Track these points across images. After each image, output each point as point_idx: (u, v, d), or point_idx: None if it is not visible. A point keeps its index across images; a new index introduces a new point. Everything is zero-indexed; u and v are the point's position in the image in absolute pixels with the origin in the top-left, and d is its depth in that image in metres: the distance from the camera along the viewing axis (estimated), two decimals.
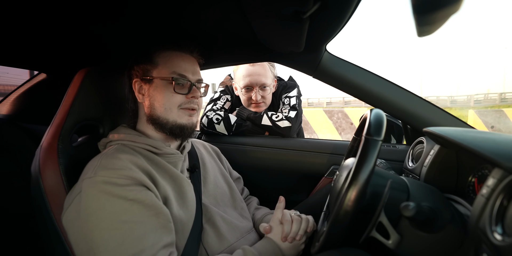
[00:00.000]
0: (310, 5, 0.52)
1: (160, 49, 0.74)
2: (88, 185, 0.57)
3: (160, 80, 0.71)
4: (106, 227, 0.54)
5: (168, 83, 0.71)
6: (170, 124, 0.71)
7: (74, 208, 0.57)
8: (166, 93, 0.71)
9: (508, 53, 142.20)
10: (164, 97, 0.71)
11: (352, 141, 0.86)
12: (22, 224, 1.04)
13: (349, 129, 5.41)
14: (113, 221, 0.54)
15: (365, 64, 45.68)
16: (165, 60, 0.73)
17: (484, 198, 0.49)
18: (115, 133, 0.72)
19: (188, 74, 0.73)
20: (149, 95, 0.72)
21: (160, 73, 0.72)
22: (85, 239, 0.54)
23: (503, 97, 22.75)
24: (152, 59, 0.73)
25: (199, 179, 0.80)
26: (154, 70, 0.72)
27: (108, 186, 0.56)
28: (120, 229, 0.54)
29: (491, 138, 0.59)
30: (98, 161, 0.61)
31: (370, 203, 0.58)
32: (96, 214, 0.54)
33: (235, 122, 1.31)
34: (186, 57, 0.75)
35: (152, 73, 0.72)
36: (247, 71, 1.29)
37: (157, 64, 0.73)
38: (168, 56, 0.73)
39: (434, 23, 0.32)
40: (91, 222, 0.54)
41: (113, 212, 0.55)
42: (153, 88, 0.72)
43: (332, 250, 0.57)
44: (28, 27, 0.68)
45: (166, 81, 0.71)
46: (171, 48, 0.74)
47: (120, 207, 0.55)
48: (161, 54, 0.73)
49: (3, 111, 1.24)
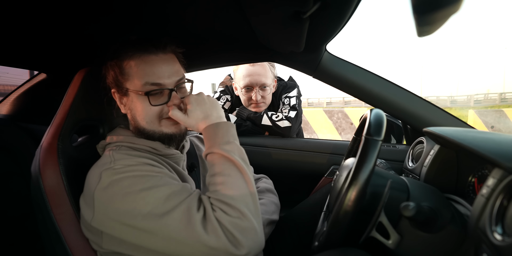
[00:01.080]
0: (310, 5, 0.52)
1: (128, 56, 0.65)
2: (110, 173, 0.58)
3: (134, 94, 0.66)
4: (147, 194, 0.56)
5: (142, 96, 0.65)
6: (158, 135, 0.68)
7: (102, 200, 0.57)
8: (144, 107, 0.65)
9: (508, 53, 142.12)
10: (143, 111, 0.66)
11: (352, 141, 0.86)
12: (22, 224, 1.04)
13: (349, 129, 5.41)
14: (151, 188, 0.56)
15: (365, 64, 45.65)
16: (135, 70, 0.65)
17: (484, 198, 0.49)
18: (114, 135, 0.70)
19: (163, 80, 0.65)
20: (129, 108, 0.69)
21: (132, 85, 0.65)
22: (133, 214, 0.54)
23: (503, 97, 22.74)
24: (122, 70, 0.66)
25: (198, 178, 0.80)
26: (127, 83, 0.66)
27: (131, 167, 0.59)
28: (160, 190, 0.57)
29: (491, 138, 0.59)
30: (111, 157, 0.62)
31: (370, 203, 0.58)
32: (131, 190, 0.56)
33: (235, 122, 1.31)
34: (157, 59, 0.66)
35: (125, 85, 0.66)
36: (247, 71, 1.29)
37: (128, 76, 0.66)
38: (137, 65, 0.65)
39: (434, 23, 0.32)
40: (130, 198, 0.55)
41: (146, 182, 0.57)
42: (130, 101, 0.67)
43: (332, 250, 0.57)
44: (28, 27, 0.67)
45: (141, 95, 0.65)
46: (137, 52, 0.65)
47: (151, 179, 0.58)
48: (129, 62, 0.65)
49: (3, 111, 1.24)
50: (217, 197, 0.57)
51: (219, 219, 0.54)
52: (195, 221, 0.53)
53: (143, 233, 0.54)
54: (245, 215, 0.55)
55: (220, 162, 0.61)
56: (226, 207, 0.55)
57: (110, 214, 0.56)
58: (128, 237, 0.56)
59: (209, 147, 0.63)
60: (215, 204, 0.56)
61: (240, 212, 0.55)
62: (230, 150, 0.61)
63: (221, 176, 0.59)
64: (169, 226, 0.54)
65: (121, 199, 0.55)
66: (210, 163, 0.63)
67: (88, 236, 0.62)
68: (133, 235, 0.55)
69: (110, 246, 0.59)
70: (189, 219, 0.54)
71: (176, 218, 0.54)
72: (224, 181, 0.58)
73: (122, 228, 0.56)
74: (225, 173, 0.59)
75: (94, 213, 0.57)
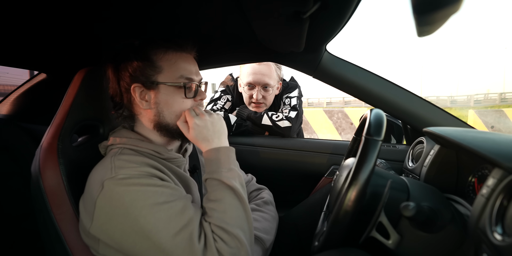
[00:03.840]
0: (310, 5, 0.52)
1: (160, 50, 0.68)
2: (112, 183, 0.57)
3: (167, 86, 0.67)
4: (149, 212, 0.55)
5: (177, 89, 0.68)
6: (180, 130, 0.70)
7: (103, 211, 0.56)
8: (176, 99, 0.68)
9: (508, 53, 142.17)
10: (174, 104, 0.68)
11: (352, 141, 0.86)
12: (22, 224, 1.04)
13: (349, 129, 5.41)
14: (152, 206, 0.56)
15: (365, 64, 45.71)
16: (170, 63, 0.67)
17: (484, 198, 0.49)
18: (117, 136, 0.69)
19: (193, 76, 0.70)
20: (156, 102, 0.68)
21: (166, 78, 0.67)
22: (134, 231, 0.55)
23: (503, 97, 22.73)
24: (154, 63, 0.67)
25: (200, 180, 0.80)
26: (159, 75, 0.67)
27: (133, 180, 0.58)
28: (162, 210, 0.56)
29: (491, 138, 0.59)
30: (111, 163, 0.60)
31: (370, 203, 0.58)
32: (133, 205, 0.55)
33: (235, 122, 1.31)
34: (189, 57, 0.71)
35: (156, 78, 0.67)
36: (252, 69, 1.29)
37: (162, 69, 0.67)
38: (173, 59, 0.68)
39: (434, 23, 0.32)
40: (132, 214, 0.55)
41: (148, 198, 0.56)
42: (160, 94, 0.68)
43: (332, 250, 0.57)
44: (28, 27, 0.67)
45: (175, 87, 0.68)
46: (172, 48, 0.68)
47: (152, 193, 0.57)
48: (163, 57, 0.67)
49: (3, 111, 1.24)
50: (218, 224, 0.59)
51: (220, 251, 0.56)
52: (197, 250, 0.55)
53: (142, 247, 0.55)
54: (243, 245, 0.58)
55: (220, 188, 0.63)
56: (227, 236, 0.58)
57: (110, 225, 0.56)
58: (124, 248, 0.57)
59: (211, 172, 0.65)
60: (216, 233, 0.58)
61: (239, 241, 0.58)
62: (231, 178, 0.64)
63: (222, 203, 0.61)
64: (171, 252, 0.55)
65: (122, 214, 0.55)
66: (211, 188, 0.64)
67: (85, 240, 0.62)
68: (132, 248, 0.56)
69: (106, 253, 0.60)
70: (191, 248, 0.55)
71: (178, 246, 0.55)
72: (225, 209, 0.61)
73: (120, 239, 0.56)
74: (226, 201, 0.62)
75: (93, 221, 0.57)
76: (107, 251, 0.59)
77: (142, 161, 0.63)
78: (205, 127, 0.68)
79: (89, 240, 0.60)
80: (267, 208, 0.87)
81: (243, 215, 0.62)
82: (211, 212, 0.61)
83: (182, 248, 0.55)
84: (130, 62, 0.67)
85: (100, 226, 0.57)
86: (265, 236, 0.76)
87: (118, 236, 0.56)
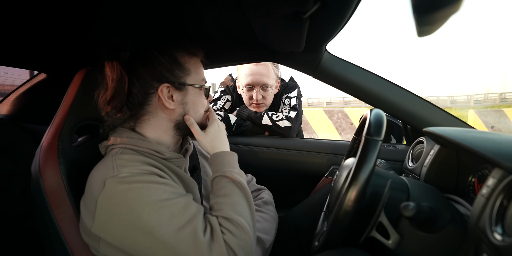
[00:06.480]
0: (310, 5, 0.52)
1: (182, 53, 0.71)
2: (114, 182, 0.57)
3: (194, 88, 0.72)
4: (152, 209, 0.56)
5: (199, 91, 0.74)
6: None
7: (105, 210, 0.56)
8: (200, 100, 0.74)
9: (508, 53, 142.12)
10: (199, 104, 0.74)
11: (352, 141, 0.86)
12: (22, 224, 1.04)
13: (349, 129, 5.41)
14: (155, 202, 0.56)
15: (365, 64, 45.70)
16: (195, 67, 0.73)
17: (484, 198, 0.49)
18: (117, 136, 0.68)
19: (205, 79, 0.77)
20: (183, 103, 0.71)
21: (194, 80, 0.72)
22: (136, 228, 0.55)
23: (503, 97, 22.73)
24: (183, 65, 0.70)
25: (200, 180, 0.80)
26: (188, 77, 0.71)
27: (136, 177, 0.58)
28: (165, 207, 0.57)
29: (491, 138, 0.59)
30: (113, 162, 0.60)
31: (370, 203, 0.58)
32: (136, 202, 0.55)
33: (235, 122, 1.31)
34: (200, 62, 0.77)
35: (185, 80, 0.71)
36: (250, 70, 1.29)
37: (190, 71, 0.71)
38: (196, 63, 0.74)
39: (434, 23, 0.32)
40: (135, 211, 0.55)
41: (150, 195, 0.57)
42: (188, 95, 0.72)
43: (332, 250, 0.57)
44: (28, 27, 0.67)
45: (199, 89, 0.73)
46: (193, 53, 0.73)
47: (155, 190, 0.58)
48: (190, 60, 0.72)
49: (3, 111, 1.24)
50: (226, 216, 0.60)
51: (228, 242, 0.57)
52: (202, 243, 0.55)
53: (144, 244, 0.55)
54: (250, 238, 0.60)
55: (230, 186, 0.66)
56: (235, 228, 0.59)
57: (112, 223, 0.56)
58: (126, 246, 0.57)
59: (219, 171, 0.68)
60: (224, 225, 0.59)
61: (246, 233, 0.59)
62: (241, 177, 0.68)
63: (231, 198, 0.64)
64: (175, 247, 0.55)
65: (125, 211, 0.55)
66: (219, 185, 0.66)
67: (85, 240, 0.61)
68: (133, 245, 0.56)
69: (106, 252, 0.59)
70: (196, 242, 0.55)
71: (182, 240, 0.55)
72: (234, 202, 0.63)
73: (122, 237, 0.56)
74: (234, 197, 0.64)
75: (94, 220, 0.57)
76: (107, 250, 0.59)
77: (143, 160, 0.63)
78: (222, 130, 0.76)
79: (89, 239, 0.60)
80: (267, 209, 0.87)
81: (249, 213, 0.64)
82: (219, 206, 0.63)
83: (185, 243, 0.55)
84: (156, 63, 0.67)
85: (101, 225, 0.56)
86: (265, 236, 0.76)
87: (120, 234, 0.56)
